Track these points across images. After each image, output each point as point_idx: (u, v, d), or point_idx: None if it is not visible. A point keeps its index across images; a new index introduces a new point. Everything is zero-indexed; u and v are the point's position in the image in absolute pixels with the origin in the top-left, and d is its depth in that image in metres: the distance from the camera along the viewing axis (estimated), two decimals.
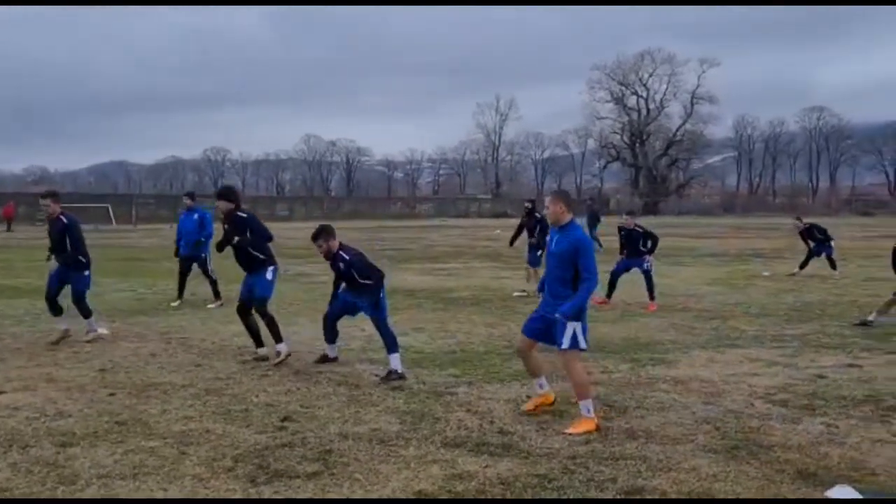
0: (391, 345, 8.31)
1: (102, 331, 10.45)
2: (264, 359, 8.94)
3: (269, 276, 9.13)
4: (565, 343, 6.42)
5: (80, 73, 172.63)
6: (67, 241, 9.89)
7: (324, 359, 8.89)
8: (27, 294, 14.77)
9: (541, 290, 7.03)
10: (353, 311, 8.79)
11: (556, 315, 6.38)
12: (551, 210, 6.62)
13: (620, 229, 14.48)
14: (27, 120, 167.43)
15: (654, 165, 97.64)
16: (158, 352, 9.45)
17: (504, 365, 8.80)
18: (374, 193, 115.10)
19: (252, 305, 9.03)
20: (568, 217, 6.62)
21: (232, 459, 5.55)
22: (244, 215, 9.14)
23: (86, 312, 10.17)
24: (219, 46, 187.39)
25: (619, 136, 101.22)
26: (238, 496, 4.93)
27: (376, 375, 8.19)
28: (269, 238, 9.29)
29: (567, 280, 6.47)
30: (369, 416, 6.73)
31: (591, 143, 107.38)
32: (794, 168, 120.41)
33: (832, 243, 19.74)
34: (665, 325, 11.71)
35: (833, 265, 19.30)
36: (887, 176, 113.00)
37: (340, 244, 8.64)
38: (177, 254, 14.11)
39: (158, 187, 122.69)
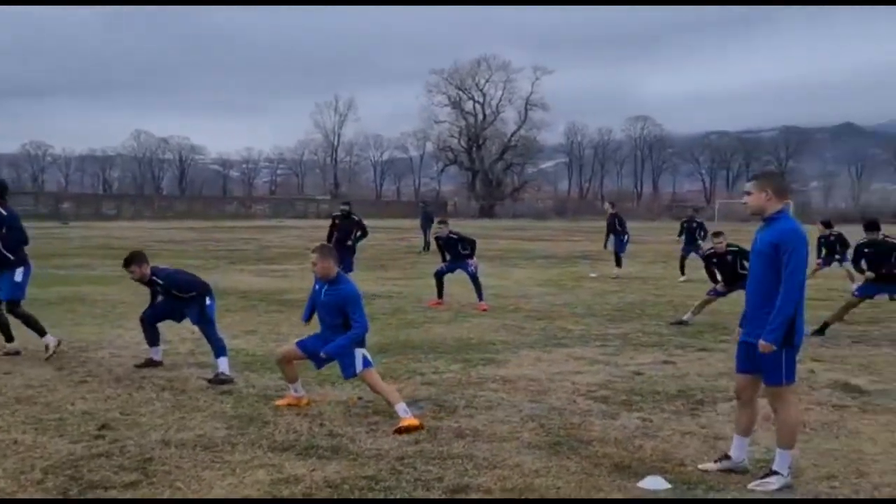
0: (219, 350, 8.17)
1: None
2: (16, 353, 8.98)
3: (17, 277, 8.96)
4: (357, 368, 6.71)
5: None
6: None
7: (148, 363, 8.56)
8: None
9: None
10: (178, 317, 8.63)
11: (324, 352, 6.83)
12: (319, 266, 6.80)
13: (437, 239, 14.76)
14: None
15: (490, 169, 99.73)
16: None
17: (335, 367, 8.73)
18: (209, 193, 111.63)
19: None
20: (335, 272, 6.83)
21: (41, 471, 5.24)
22: (4, 212, 8.89)
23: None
24: (39, 33, 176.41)
25: (456, 140, 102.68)
26: None
27: (204, 379, 7.96)
28: (24, 241, 9.10)
29: (338, 326, 6.77)
30: (194, 421, 6.53)
31: (430, 146, 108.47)
32: (620, 174, 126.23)
33: (626, 238, 21.08)
34: (496, 325, 11.99)
35: (618, 261, 20.69)
36: (704, 183, 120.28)
37: (153, 267, 8.53)
38: None
39: None
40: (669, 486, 5.15)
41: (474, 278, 14.14)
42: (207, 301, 8.39)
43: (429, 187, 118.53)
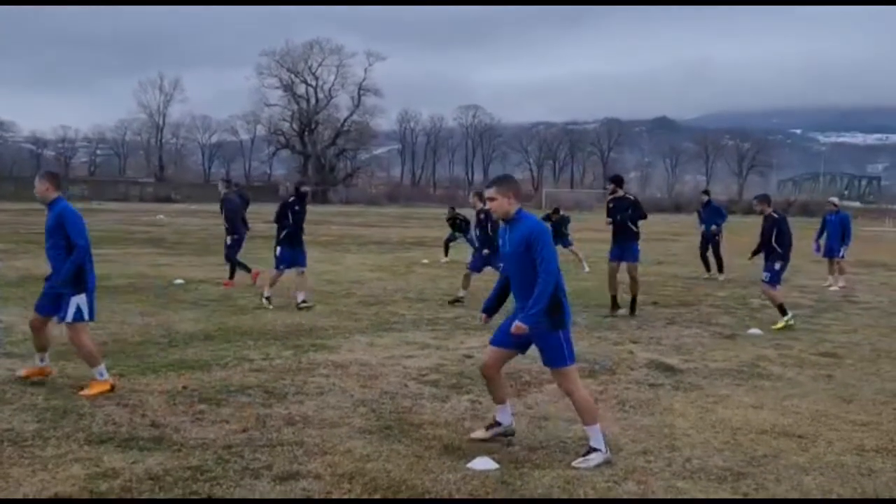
0: None
1: None
2: None
3: None
4: (68, 317, 6.93)
5: None
6: None
7: None
8: None
9: None
10: None
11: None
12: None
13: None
14: None
15: (322, 154, 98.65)
16: None
17: (160, 355, 8.42)
18: (20, 173, 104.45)
19: None
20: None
21: None
22: None
23: None
24: None
25: (288, 124, 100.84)
26: None
27: (11, 370, 7.44)
28: None
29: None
30: (2, 415, 6.09)
31: (261, 130, 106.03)
32: (452, 162, 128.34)
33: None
34: (328, 311, 11.89)
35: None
36: (532, 172, 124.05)
37: None
38: None
39: None
40: (497, 466, 5.26)
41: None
42: None
43: (259, 171, 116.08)
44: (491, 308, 6.10)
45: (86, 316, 7.10)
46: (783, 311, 11.34)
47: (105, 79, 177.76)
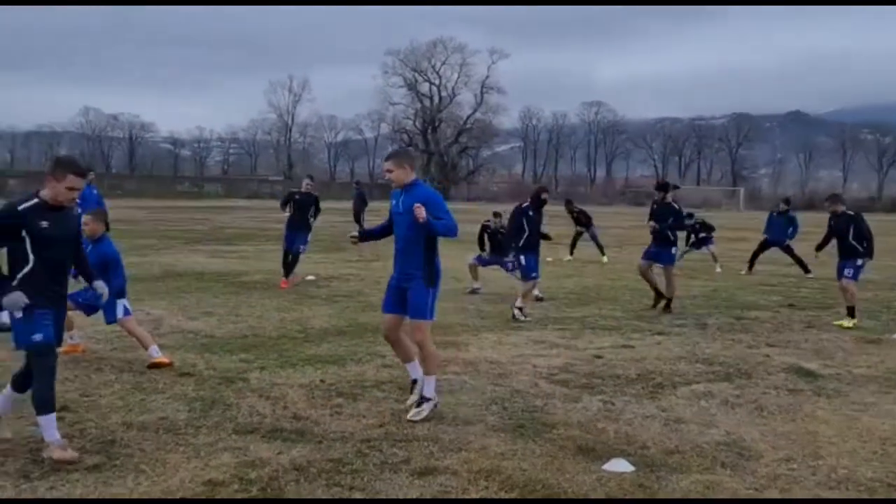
0: None
1: None
2: None
3: None
4: (119, 315, 7.86)
5: None
6: None
7: None
8: None
9: None
10: None
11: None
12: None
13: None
14: None
15: (445, 152, 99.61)
16: None
17: (297, 350, 8.71)
18: (160, 172, 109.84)
19: None
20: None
21: (1, 454, 5.14)
22: None
23: None
24: None
25: (412, 122, 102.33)
26: (9, 494, 4.58)
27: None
28: None
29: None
30: (155, 404, 6.46)
31: (385, 128, 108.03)
32: (574, 159, 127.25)
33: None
34: (456, 308, 12.02)
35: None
36: (656, 169, 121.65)
37: None
38: None
39: None
40: (633, 468, 5.22)
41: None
42: None
43: (383, 169, 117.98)
44: (367, 236, 7.06)
45: (130, 311, 8.11)
46: (852, 314, 11.20)
47: (238, 80, 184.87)
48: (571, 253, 21.19)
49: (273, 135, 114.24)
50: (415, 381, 6.62)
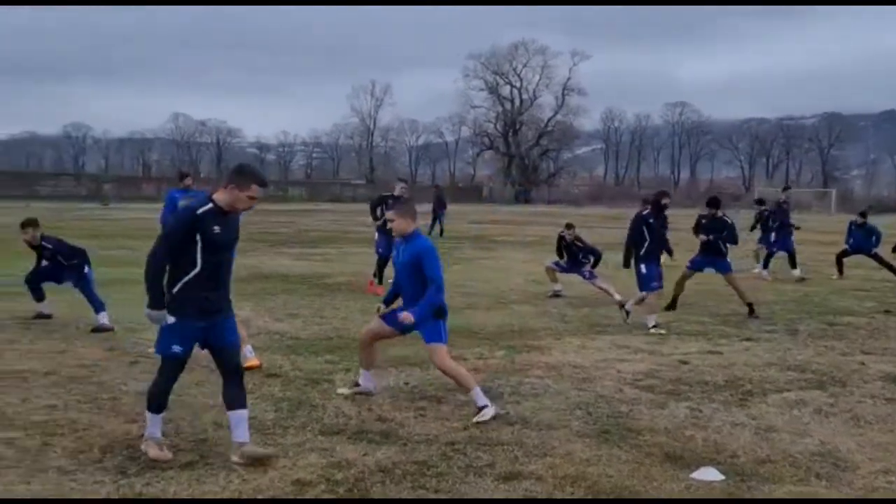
0: (98, 306, 9.77)
1: None
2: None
3: None
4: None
5: None
6: None
7: (39, 315, 10.09)
8: None
9: None
10: (58, 280, 10.20)
11: None
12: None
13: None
14: None
15: (526, 155, 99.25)
16: (17, 338, 8.97)
17: (381, 352, 8.78)
18: None
19: None
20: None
21: (100, 450, 5.33)
22: None
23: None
24: (72, 16, 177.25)
25: (492, 125, 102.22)
26: (107, 489, 4.74)
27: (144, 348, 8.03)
28: None
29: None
30: None
31: (466, 131, 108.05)
32: (657, 160, 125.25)
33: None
34: (538, 312, 11.97)
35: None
36: (743, 170, 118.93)
37: (42, 235, 10.08)
38: None
39: (13, 163, 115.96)
40: (723, 477, 5.11)
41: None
42: (86, 269, 10.10)
43: (464, 172, 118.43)
44: (388, 302, 7.09)
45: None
46: None
47: (322, 85, 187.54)
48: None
49: (355, 139, 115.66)
50: (357, 384, 6.98)
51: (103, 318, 9.64)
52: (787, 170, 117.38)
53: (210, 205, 5.19)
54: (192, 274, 5.14)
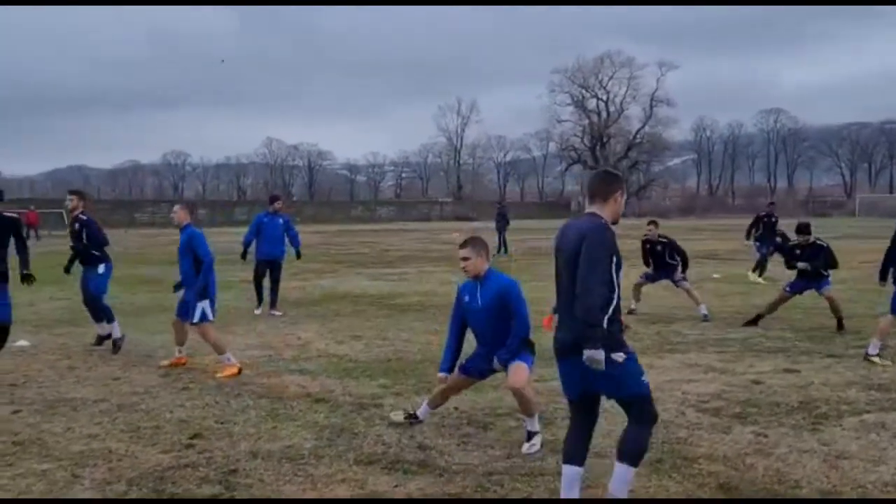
0: (108, 318, 9.80)
1: (23, 343, 10.04)
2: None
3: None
4: (195, 318, 8.59)
5: (33, 75, 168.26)
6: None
7: (100, 340, 10.07)
8: None
9: None
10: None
11: None
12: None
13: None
14: None
15: (615, 168, 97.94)
16: (78, 364, 9.07)
17: (436, 374, 8.53)
18: (337, 197, 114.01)
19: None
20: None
21: (127, 482, 5.23)
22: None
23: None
24: (175, 46, 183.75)
25: (579, 139, 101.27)
26: None
27: (303, 387, 7.88)
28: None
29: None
30: (286, 431, 6.44)
31: (553, 146, 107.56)
32: (752, 169, 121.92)
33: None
34: None
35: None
36: (843, 177, 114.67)
37: (84, 210, 10.01)
38: (244, 257, 13.68)
39: (117, 192, 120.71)
40: None
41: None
42: (101, 269, 9.92)
43: (552, 187, 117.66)
44: (451, 367, 6.39)
45: (209, 317, 8.73)
46: None
47: (409, 105, 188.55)
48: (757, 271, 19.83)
49: (443, 157, 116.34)
50: (414, 416, 6.62)
51: (116, 331, 9.84)
52: (891, 176, 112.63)
53: (602, 221, 4.71)
54: (614, 302, 4.55)
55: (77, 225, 9.95)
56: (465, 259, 6.08)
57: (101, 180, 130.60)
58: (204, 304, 8.64)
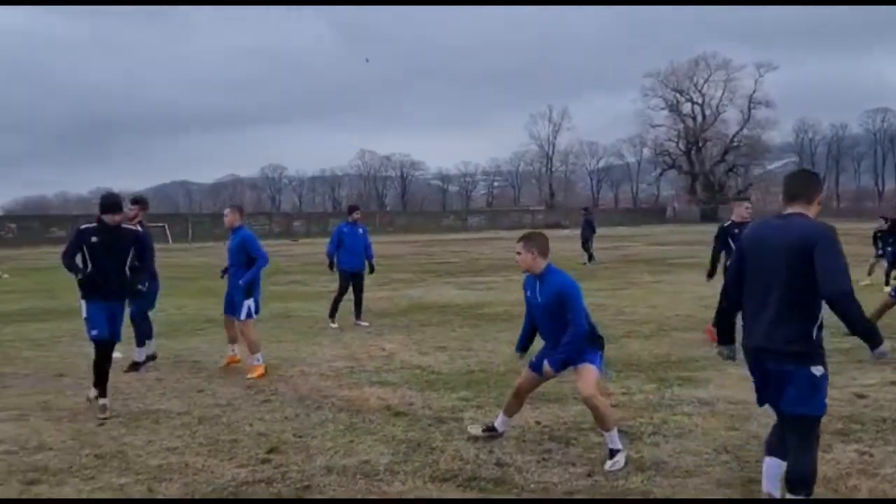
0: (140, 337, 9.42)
1: (116, 354, 10.23)
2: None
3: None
4: (242, 315, 9.16)
5: (139, 95, 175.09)
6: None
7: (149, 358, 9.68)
8: (60, 317, 14.72)
9: None
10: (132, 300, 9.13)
11: None
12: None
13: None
14: (91, 143, 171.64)
15: (711, 172, 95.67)
16: (165, 376, 9.18)
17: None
18: (429, 207, 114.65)
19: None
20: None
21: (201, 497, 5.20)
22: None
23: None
24: (276, 64, 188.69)
25: (674, 144, 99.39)
26: None
27: (383, 399, 7.78)
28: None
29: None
30: (363, 445, 6.33)
31: (646, 152, 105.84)
32: (858, 171, 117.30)
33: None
34: (701, 340, 11.08)
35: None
36: None
37: (143, 220, 9.60)
38: (331, 268, 13.55)
39: (218, 206, 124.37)
40: None
41: None
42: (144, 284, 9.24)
43: (647, 193, 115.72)
44: (525, 346, 6.45)
45: (254, 314, 9.22)
46: None
47: (500, 114, 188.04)
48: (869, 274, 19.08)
49: (535, 165, 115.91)
50: (493, 428, 6.48)
51: (141, 354, 9.48)
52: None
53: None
54: None
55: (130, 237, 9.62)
56: (517, 253, 6.10)
57: (203, 195, 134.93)
58: (249, 302, 9.13)
